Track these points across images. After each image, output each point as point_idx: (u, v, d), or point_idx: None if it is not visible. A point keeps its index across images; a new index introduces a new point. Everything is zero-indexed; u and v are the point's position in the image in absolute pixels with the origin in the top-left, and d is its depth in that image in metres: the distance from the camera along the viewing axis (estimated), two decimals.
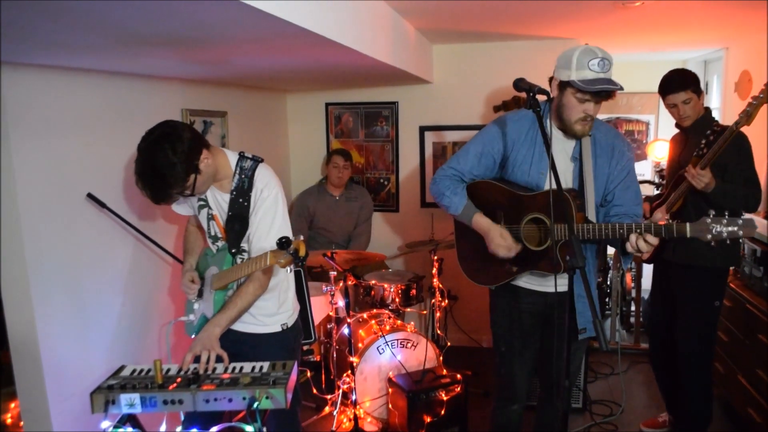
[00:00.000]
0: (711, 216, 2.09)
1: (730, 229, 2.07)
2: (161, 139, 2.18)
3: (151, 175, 2.19)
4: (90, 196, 2.79)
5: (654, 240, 2.19)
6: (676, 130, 3.36)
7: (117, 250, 3.04)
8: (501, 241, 2.48)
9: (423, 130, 5.06)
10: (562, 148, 2.49)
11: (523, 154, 2.53)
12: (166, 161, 2.16)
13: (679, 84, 3.13)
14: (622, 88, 2.31)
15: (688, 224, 2.12)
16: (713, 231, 2.09)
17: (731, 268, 3.45)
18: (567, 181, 2.50)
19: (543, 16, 3.67)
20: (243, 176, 2.41)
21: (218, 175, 2.41)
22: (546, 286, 2.62)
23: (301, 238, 2.14)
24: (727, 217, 2.08)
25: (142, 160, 2.19)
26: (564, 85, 2.36)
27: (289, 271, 2.40)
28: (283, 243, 2.07)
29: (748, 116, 2.80)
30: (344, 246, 4.80)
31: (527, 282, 2.65)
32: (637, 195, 2.52)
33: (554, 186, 2.11)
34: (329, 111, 5.26)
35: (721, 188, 2.96)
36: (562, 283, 2.44)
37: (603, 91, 2.30)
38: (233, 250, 2.44)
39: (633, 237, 2.22)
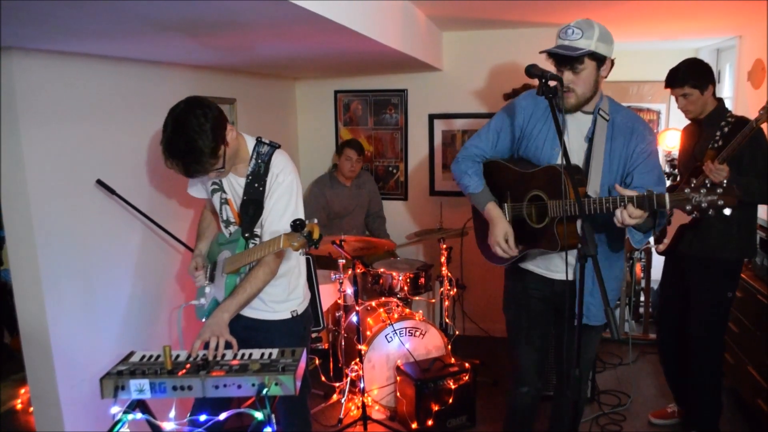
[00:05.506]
0: (691, 186, 2.02)
1: (709, 198, 1.99)
2: (191, 106, 2.16)
3: (184, 143, 2.13)
4: (99, 182, 2.79)
5: (636, 212, 2.13)
6: (688, 121, 3.32)
7: (126, 237, 3.04)
8: (501, 241, 2.53)
9: (432, 118, 5.03)
10: (577, 127, 2.49)
11: (539, 128, 2.54)
12: (198, 126, 2.12)
13: (674, 79, 3.13)
14: (572, 56, 2.29)
15: (667, 195, 2.07)
16: (693, 201, 2.02)
17: (746, 259, 3.42)
18: (579, 159, 2.49)
19: (554, 3, 3.63)
20: (260, 161, 2.40)
21: (236, 158, 2.38)
22: (553, 272, 2.61)
23: (315, 221, 2.12)
24: (707, 186, 2.01)
25: (172, 129, 2.14)
26: None
27: (301, 254, 2.39)
28: (297, 225, 2.05)
29: None
30: (360, 234, 4.82)
31: (536, 266, 2.65)
32: (660, 178, 2.47)
33: (558, 172, 2.12)
34: (338, 98, 5.24)
35: (737, 182, 2.92)
36: (571, 273, 2.44)
37: (558, 55, 2.33)
38: (246, 235, 2.42)
39: (618, 211, 2.17)
